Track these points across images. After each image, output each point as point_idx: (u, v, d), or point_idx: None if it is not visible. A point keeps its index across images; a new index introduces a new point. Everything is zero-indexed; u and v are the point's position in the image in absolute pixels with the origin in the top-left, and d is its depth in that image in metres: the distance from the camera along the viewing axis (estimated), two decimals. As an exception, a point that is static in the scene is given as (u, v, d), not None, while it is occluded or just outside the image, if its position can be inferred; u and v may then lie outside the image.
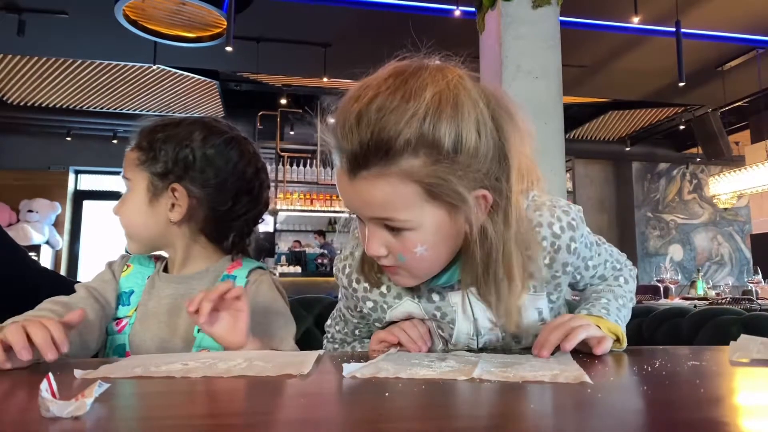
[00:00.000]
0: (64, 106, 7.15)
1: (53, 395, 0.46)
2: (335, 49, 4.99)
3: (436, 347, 0.90)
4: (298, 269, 6.05)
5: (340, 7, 4.33)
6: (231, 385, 0.60)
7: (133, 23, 3.86)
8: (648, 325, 1.41)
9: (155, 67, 5.82)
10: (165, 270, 1.06)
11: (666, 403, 0.52)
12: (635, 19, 4.08)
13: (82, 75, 6.23)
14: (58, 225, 7.51)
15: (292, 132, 7.71)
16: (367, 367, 0.65)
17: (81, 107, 7.21)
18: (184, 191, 0.97)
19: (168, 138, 0.98)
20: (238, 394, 0.58)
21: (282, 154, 7.61)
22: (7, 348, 0.68)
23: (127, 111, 7.32)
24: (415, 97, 0.68)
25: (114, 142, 7.46)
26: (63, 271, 7.39)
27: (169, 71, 6.07)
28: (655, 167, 8.86)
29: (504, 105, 0.75)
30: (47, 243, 7.29)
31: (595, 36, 4.76)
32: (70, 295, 0.96)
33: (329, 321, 1.06)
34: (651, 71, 5.48)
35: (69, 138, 7.46)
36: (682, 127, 7.52)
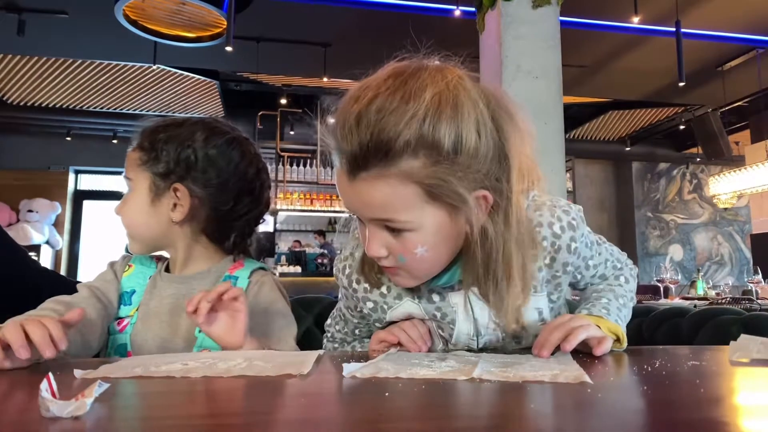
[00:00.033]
0: (64, 106, 7.15)
1: (53, 395, 0.46)
2: (335, 49, 4.99)
3: (436, 347, 0.90)
4: (298, 269, 6.05)
5: (340, 7, 4.33)
6: (231, 385, 0.60)
7: (133, 23, 3.86)
8: (648, 325, 1.41)
9: (155, 67, 5.82)
10: (167, 270, 1.06)
11: (666, 403, 0.52)
12: (635, 19, 4.08)
13: (82, 75, 6.23)
14: (58, 225, 7.51)
15: (292, 132, 7.71)
16: (367, 367, 0.65)
17: (81, 107, 7.22)
18: (186, 191, 0.97)
19: (170, 138, 0.98)
20: (238, 394, 0.58)
21: (282, 154, 7.62)
22: (6, 347, 0.68)
23: (127, 111, 7.33)
24: (415, 98, 0.67)
25: (114, 142, 7.47)
26: (63, 271, 7.39)
27: (169, 71, 6.08)
28: (655, 167, 8.86)
29: (504, 105, 0.75)
30: (47, 243, 7.30)
31: (595, 36, 4.76)
32: (72, 295, 0.96)
33: (329, 320, 1.06)
34: (651, 71, 5.48)
35: (69, 138, 7.47)
36: (682, 127, 7.53)
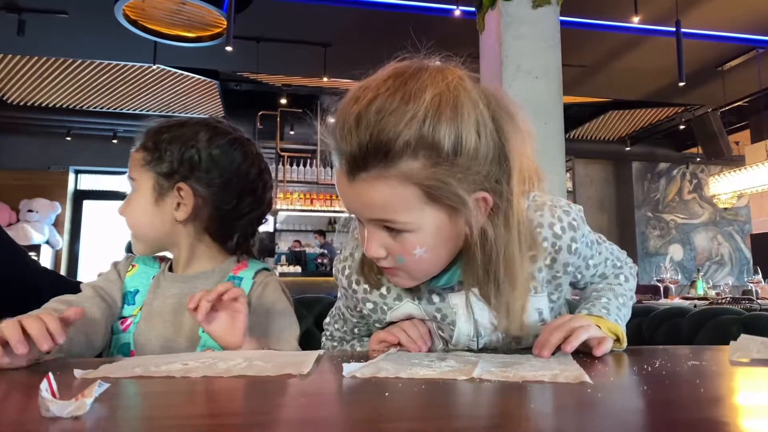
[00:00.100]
0: (64, 106, 7.15)
1: (53, 395, 0.46)
2: (335, 49, 4.99)
3: (436, 347, 0.89)
4: (298, 269, 6.05)
5: (340, 7, 4.33)
6: (231, 385, 0.60)
7: (133, 23, 3.86)
8: (648, 325, 1.41)
9: (155, 67, 5.82)
10: (170, 270, 1.06)
11: (666, 403, 0.52)
12: (635, 19, 4.08)
13: (82, 75, 6.23)
14: (58, 225, 7.51)
15: (292, 132, 7.71)
16: (367, 367, 0.65)
17: (81, 107, 7.22)
18: (189, 190, 0.98)
19: (173, 138, 0.99)
20: (238, 394, 0.58)
21: (282, 154, 7.62)
22: (5, 344, 0.68)
23: (127, 111, 7.33)
24: (415, 99, 0.67)
25: (114, 142, 7.47)
26: (63, 271, 7.39)
27: (169, 71, 6.07)
28: (655, 167, 8.85)
29: (504, 106, 0.74)
30: (47, 243, 7.30)
31: (595, 36, 4.76)
32: (76, 294, 0.97)
33: (328, 319, 1.06)
34: (651, 71, 5.48)
35: (69, 138, 7.47)
36: (682, 127, 7.52)
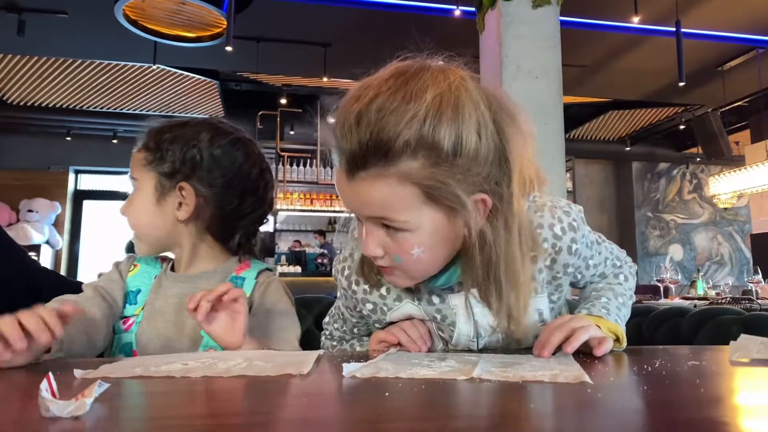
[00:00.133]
0: (64, 106, 7.15)
1: (53, 395, 0.46)
2: (335, 49, 4.99)
3: (436, 347, 0.89)
4: (298, 269, 6.05)
5: (340, 7, 4.33)
6: (231, 385, 0.60)
7: (133, 23, 3.86)
8: (648, 325, 1.41)
9: (155, 67, 5.82)
10: (172, 270, 1.06)
11: (666, 403, 0.52)
12: (635, 19, 4.08)
13: (82, 75, 6.23)
14: (58, 225, 7.51)
15: (292, 132, 7.71)
16: (367, 367, 0.65)
17: (81, 107, 7.22)
18: (191, 190, 0.98)
19: (175, 138, 0.99)
20: (238, 394, 0.58)
21: (282, 153, 7.62)
22: (5, 342, 0.68)
23: (127, 111, 7.33)
24: (416, 99, 0.67)
25: (114, 142, 7.47)
26: (63, 271, 7.39)
27: (169, 71, 6.08)
28: (655, 167, 8.85)
29: (506, 107, 0.74)
30: (47, 243, 7.30)
31: (595, 36, 4.76)
32: (77, 294, 0.97)
33: (327, 318, 1.06)
34: (651, 71, 5.48)
35: (69, 138, 7.47)
36: (682, 127, 7.52)
